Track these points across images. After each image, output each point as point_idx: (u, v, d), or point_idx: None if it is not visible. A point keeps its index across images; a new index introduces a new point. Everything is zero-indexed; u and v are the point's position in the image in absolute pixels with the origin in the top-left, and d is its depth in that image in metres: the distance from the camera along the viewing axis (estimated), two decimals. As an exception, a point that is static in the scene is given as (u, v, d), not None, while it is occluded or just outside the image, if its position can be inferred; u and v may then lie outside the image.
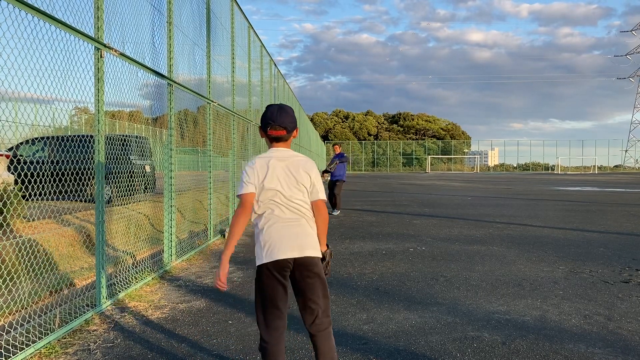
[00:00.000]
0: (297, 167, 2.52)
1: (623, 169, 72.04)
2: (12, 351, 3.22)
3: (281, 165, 2.51)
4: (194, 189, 8.62)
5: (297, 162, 2.54)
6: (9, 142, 4.82)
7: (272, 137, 2.57)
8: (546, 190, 23.21)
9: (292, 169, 2.51)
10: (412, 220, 10.90)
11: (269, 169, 2.49)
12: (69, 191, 5.47)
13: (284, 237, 2.45)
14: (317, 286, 2.50)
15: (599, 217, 11.59)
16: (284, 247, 2.44)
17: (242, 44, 10.67)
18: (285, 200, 2.48)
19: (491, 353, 3.44)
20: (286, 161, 2.53)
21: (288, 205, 2.49)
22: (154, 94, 5.82)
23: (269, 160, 2.52)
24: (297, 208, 2.50)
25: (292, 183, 2.50)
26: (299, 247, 2.45)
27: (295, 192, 2.50)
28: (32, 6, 3.32)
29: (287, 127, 2.55)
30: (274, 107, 2.57)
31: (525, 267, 6.08)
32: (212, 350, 3.51)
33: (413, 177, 42.88)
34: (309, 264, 2.47)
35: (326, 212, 2.59)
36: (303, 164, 2.55)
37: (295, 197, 2.49)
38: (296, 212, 2.50)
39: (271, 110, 2.56)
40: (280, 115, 2.53)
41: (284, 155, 2.55)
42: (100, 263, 4.30)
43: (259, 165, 2.51)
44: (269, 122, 2.54)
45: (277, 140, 2.57)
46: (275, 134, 2.55)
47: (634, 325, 3.98)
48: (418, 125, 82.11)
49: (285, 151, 2.58)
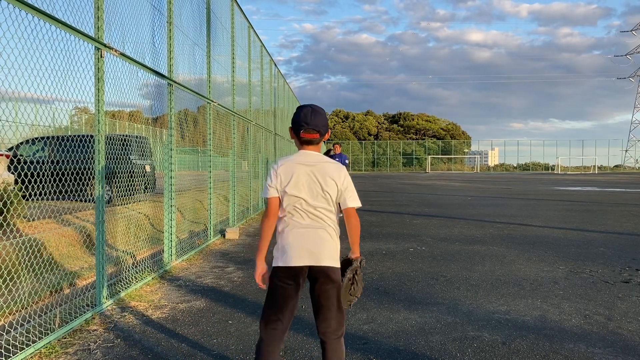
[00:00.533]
0: (324, 174, 2.44)
1: (623, 169, 72.03)
2: (12, 351, 3.22)
3: (307, 171, 2.43)
4: (194, 189, 8.62)
5: (325, 168, 2.45)
6: (9, 142, 4.82)
7: (303, 140, 2.48)
8: (546, 190, 23.21)
9: (318, 176, 2.43)
10: (412, 220, 10.90)
11: (293, 175, 2.42)
12: (69, 191, 5.47)
13: (300, 244, 2.41)
14: (332, 295, 2.45)
15: (599, 217, 11.59)
16: (298, 254, 2.41)
17: (242, 43, 10.67)
18: (307, 207, 2.42)
19: (491, 353, 3.44)
20: (314, 167, 2.44)
21: (309, 212, 2.43)
22: (154, 93, 5.82)
23: (295, 165, 2.45)
24: (318, 216, 2.44)
25: (317, 190, 2.42)
26: (314, 255, 2.41)
27: (320, 200, 2.43)
28: (32, 6, 3.32)
29: (321, 130, 2.46)
30: (307, 108, 2.47)
31: (526, 267, 6.08)
32: (212, 350, 3.51)
33: (413, 177, 42.88)
34: (325, 273, 2.43)
35: (356, 220, 2.51)
36: (331, 171, 2.45)
37: (318, 206, 2.44)
38: (317, 220, 2.44)
39: (304, 112, 2.46)
40: (314, 117, 2.44)
41: (312, 160, 2.46)
42: (100, 263, 4.30)
43: (283, 169, 2.44)
44: (302, 125, 2.44)
45: (308, 143, 2.49)
46: (308, 137, 2.46)
47: (634, 325, 3.98)
48: (418, 125, 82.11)
49: (315, 155, 2.48)
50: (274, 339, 2.46)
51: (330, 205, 2.47)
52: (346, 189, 2.48)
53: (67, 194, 5.81)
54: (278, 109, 17.06)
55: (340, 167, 2.52)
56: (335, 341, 2.49)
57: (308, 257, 2.41)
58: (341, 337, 2.52)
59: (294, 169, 2.44)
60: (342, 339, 2.53)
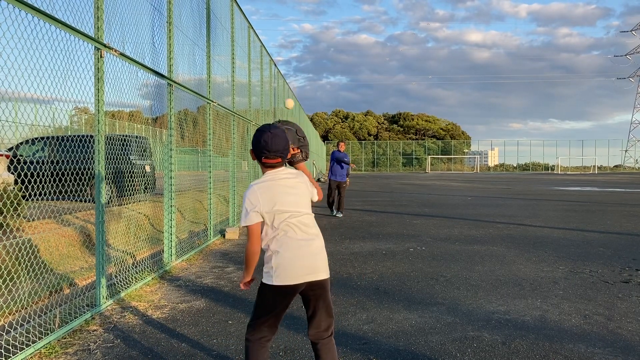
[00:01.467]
0: (294, 183, 2.54)
1: (623, 169, 72.04)
2: (12, 351, 3.22)
3: (283, 185, 2.50)
4: (194, 189, 8.62)
5: (292, 178, 2.55)
6: (9, 142, 4.82)
7: (267, 165, 2.53)
8: (546, 190, 23.21)
9: (292, 186, 2.52)
10: (412, 220, 10.90)
11: (275, 193, 2.46)
12: (69, 191, 5.47)
13: (298, 262, 2.43)
14: (324, 301, 2.53)
15: (599, 217, 11.59)
16: (296, 273, 2.42)
17: (241, 43, 10.67)
18: (298, 219, 2.47)
19: (491, 353, 3.44)
20: (287, 181, 2.52)
21: (300, 224, 2.47)
22: (154, 94, 5.82)
23: (272, 185, 2.49)
24: (307, 224, 2.50)
25: (298, 199, 2.51)
26: (313, 271, 2.45)
27: (303, 208, 2.52)
28: (32, 6, 3.32)
29: (283, 155, 2.51)
30: (266, 134, 2.46)
31: (525, 267, 6.08)
32: (212, 350, 3.51)
33: (413, 177, 42.88)
34: (319, 285, 2.50)
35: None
36: (297, 178, 2.56)
37: (304, 212, 2.50)
38: (307, 231, 2.49)
39: (264, 138, 2.46)
40: (274, 143, 2.45)
41: (282, 176, 2.53)
42: (100, 263, 4.30)
43: (261, 192, 2.46)
44: (263, 152, 2.48)
45: (271, 167, 2.53)
46: (270, 162, 2.50)
47: (634, 325, 3.98)
48: (418, 125, 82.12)
49: (280, 172, 2.54)
50: (264, 344, 2.54)
51: (310, 209, 2.58)
52: (311, 185, 2.64)
53: (67, 194, 5.81)
54: (278, 109, 17.06)
55: (298, 172, 2.65)
56: (326, 340, 2.56)
57: (307, 274, 2.45)
58: (332, 335, 2.58)
59: (271, 188, 2.48)
60: (332, 337, 2.59)
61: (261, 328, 2.52)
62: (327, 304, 2.54)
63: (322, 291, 2.52)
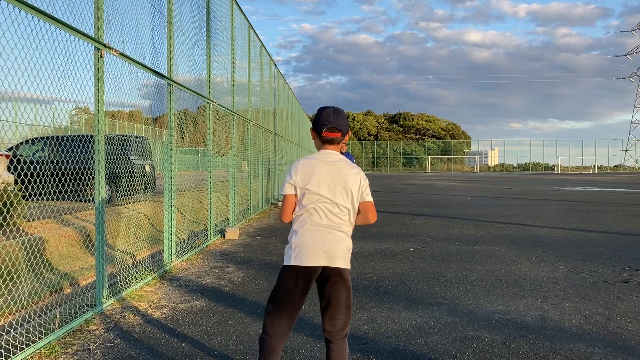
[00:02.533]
0: (345, 172, 2.47)
1: (623, 169, 72.04)
2: (12, 351, 3.22)
3: (328, 169, 2.46)
4: (194, 189, 8.62)
5: (344, 166, 2.49)
6: (9, 142, 4.82)
7: (325, 139, 2.51)
8: (546, 190, 23.21)
9: (338, 174, 2.46)
10: (412, 220, 10.90)
11: (315, 173, 2.44)
12: (69, 191, 5.47)
13: (316, 244, 2.41)
14: (343, 295, 2.48)
15: (599, 217, 11.59)
16: (313, 254, 2.40)
17: (242, 43, 10.67)
18: (327, 206, 2.44)
19: (491, 353, 3.44)
20: (334, 165, 2.47)
21: (328, 211, 2.43)
22: (154, 94, 5.82)
23: (316, 163, 2.47)
24: (337, 215, 2.45)
25: (337, 188, 2.44)
26: (330, 256, 2.42)
27: (340, 199, 2.45)
28: (32, 6, 3.32)
29: (343, 130, 2.51)
30: (329, 109, 2.51)
31: (525, 267, 6.08)
32: (212, 350, 3.51)
33: (413, 177, 42.88)
34: (337, 274, 2.45)
35: (373, 214, 2.56)
36: (350, 169, 2.50)
37: (339, 204, 2.45)
38: (334, 220, 2.45)
39: (327, 112, 2.49)
40: (336, 117, 2.48)
41: (333, 158, 2.50)
42: (100, 263, 4.30)
43: (303, 167, 2.46)
44: (324, 124, 2.47)
45: (329, 142, 2.52)
46: (330, 135, 2.49)
47: (634, 325, 3.98)
48: (418, 125, 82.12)
49: (335, 154, 2.52)
50: (281, 334, 2.47)
51: (348, 204, 2.48)
52: (365, 187, 2.54)
53: (67, 194, 5.81)
54: (278, 109, 17.06)
55: (357, 167, 2.57)
56: (340, 341, 2.51)
57: (323, 257, 2.41)
58: (345, 337, 2.53)
59: (315, 166, 2.46)
60: (346, 340, 2.54)
61: (279, 316, 2.45)
62: (344, 298, 2.48)
63: (339, 280, 2.45)
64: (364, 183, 2.52)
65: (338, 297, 2.47)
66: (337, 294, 2.47)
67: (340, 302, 2.48)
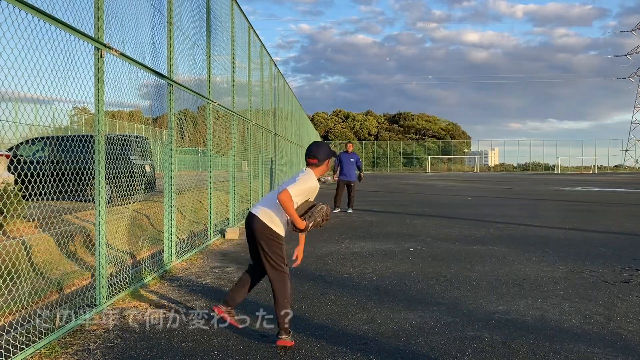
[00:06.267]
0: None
1: (623, 169, 71.99)
2: (12, 351, 3.22)
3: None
4: (194, 189, 8.62)
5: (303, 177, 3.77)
6: (9, 142, 4.82)
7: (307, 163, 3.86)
8: (546, 190, 23.21)
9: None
10: (412, 220, 10.90)
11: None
12: (69, 191, 5.47)
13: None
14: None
15: (599, 217, 11.59)
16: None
17: (241, 43, 10.67)
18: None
19: (491, 353, 3.44)
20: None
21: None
22: (154, 94, 5.82)
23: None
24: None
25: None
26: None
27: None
28: (32, 6, 3.32)
29: (318, 158, 3.80)
30: (312, 143, 3.92)
31: (526, 267, 6.08)
32: (212, 350, 3.51)
33: (413, 177, 42.88)
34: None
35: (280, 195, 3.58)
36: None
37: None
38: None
39: (310, 146, 3.88)
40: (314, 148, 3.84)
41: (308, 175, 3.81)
42: (100, 263, 4.30)
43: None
44: (306, 153, 3.84)
45: (309, 165, 3.83)
46: (309, 161, 3.83)
47: (634, 325, 3.98)
48: (418, 125, 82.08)
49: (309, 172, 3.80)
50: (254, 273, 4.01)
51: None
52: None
53: (67, 194, 5.80)
54: (278, 109, 17.06)
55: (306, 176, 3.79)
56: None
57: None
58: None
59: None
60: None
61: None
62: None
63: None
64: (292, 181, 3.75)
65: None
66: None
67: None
